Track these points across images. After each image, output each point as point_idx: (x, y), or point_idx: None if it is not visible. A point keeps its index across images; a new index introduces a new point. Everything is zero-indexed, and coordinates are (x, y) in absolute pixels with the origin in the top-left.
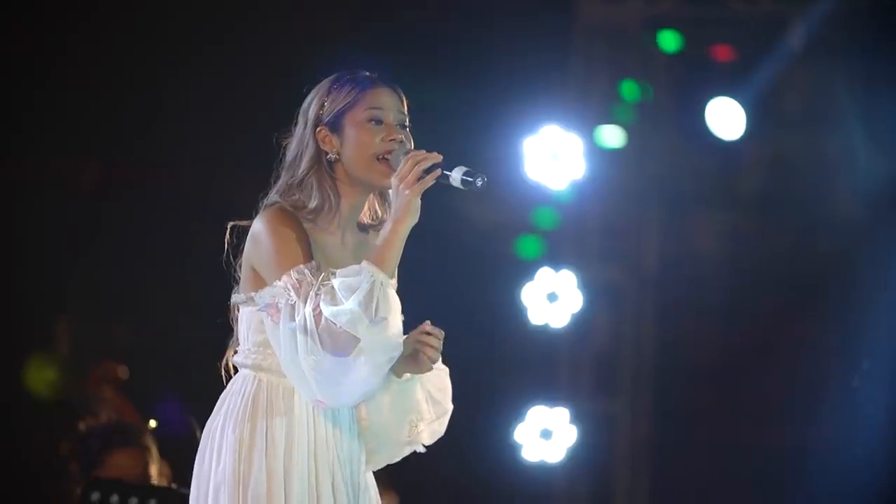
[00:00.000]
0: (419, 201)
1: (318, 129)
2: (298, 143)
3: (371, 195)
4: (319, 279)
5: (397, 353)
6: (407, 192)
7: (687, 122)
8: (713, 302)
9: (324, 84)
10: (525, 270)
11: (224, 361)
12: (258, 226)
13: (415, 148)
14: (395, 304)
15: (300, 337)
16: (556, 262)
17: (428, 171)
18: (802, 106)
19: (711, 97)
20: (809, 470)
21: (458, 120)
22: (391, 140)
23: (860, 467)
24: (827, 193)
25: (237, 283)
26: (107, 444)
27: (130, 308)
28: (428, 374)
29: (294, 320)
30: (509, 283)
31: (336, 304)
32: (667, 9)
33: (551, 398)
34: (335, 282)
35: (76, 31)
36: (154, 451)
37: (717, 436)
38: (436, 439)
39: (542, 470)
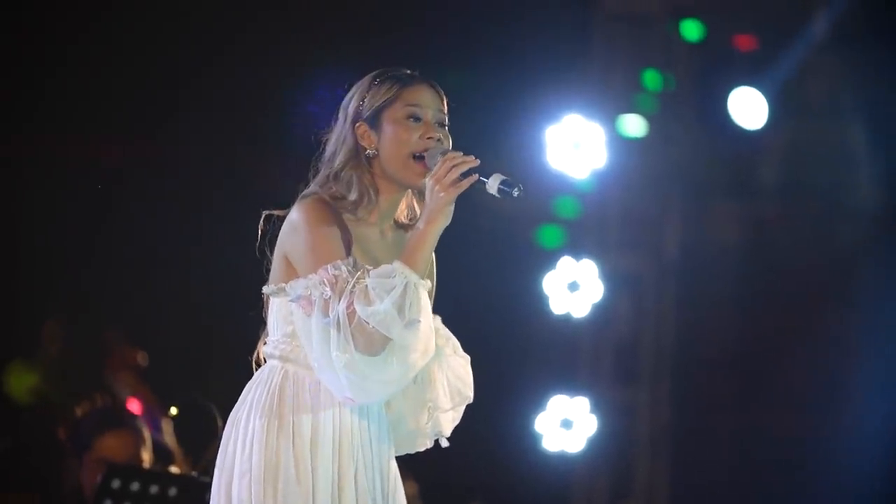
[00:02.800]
0: (453, 204)
1: (357, 124)
2: (337, 139)
3: (409, 194)
4: (355, 277)
5: (429, 354)
6: (442, 194)
7: (709, 111)
8: (734, 292)
9: (364, 80)
10: (546, 260)
11: (256, 353)
12: (296, 216)
13: (452, 147)
14: (427, 305)
15: (333, 333)
16: (577, 251)
17: (465, 174)
18: (825, 96)
19: (734, 87)
20: (829, 458)
21: (481, 108)
22: (429, 138)
23: (880, 456)
24: (848, 183)
25: (268, 273)
26: (98, 426)
27: (138, 304)
28: (448, 360)
29: (328, 316)
30: (530, 272)
31: (370, 305)
32: None
33: (572, 388)
34: (369, 281)
35: (96, 15)
36: (147, 436)
37: (736, 425)
38: (453, 427)
39: (563, 460)
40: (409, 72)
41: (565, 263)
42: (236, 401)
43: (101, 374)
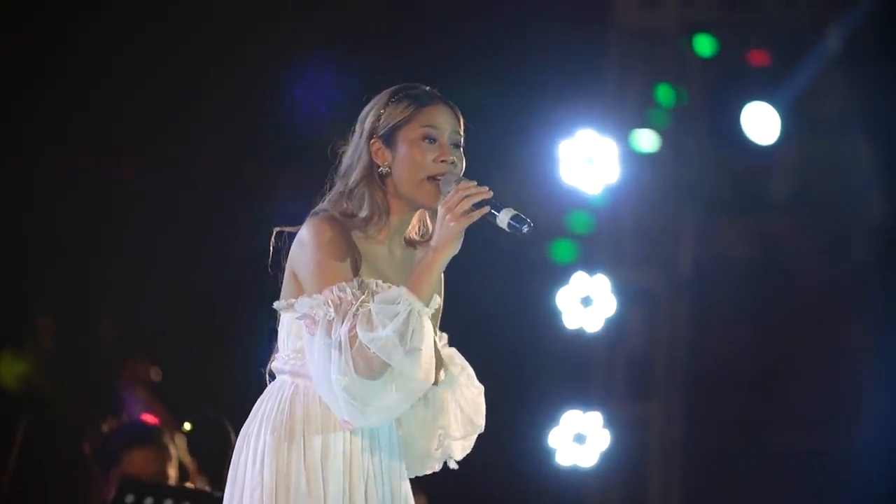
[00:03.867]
0: (462, 234)
1: (372, 140)
2: (353, 153)
3: (422, 210)
4: (360, 300)
5: (428, 382)
6: (452, 223)
7: (722, 126)
8: (747, 306)
9: (383, 95)
10: (559, 274)
11: (269, 366)
12: (305, 233)
13: (466, 168)
14: (429, 334)
15: (334, 354)
16: (590, 266)
17: (477, 205)
18: (837, 111)
19: (746, 102)
20: (842, 472)
21: (494, 123)
22: (443, 161)
23: (893, 471)
24: (861, 198)
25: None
26: (124, 443)
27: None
28: (462, 390)
29: (330, 337)
30: (544, 287)
31: (372, 330)
32: (703, 13)
33: (585, 402)
34: (373, 307)
35: (101, 26)
36: (174, 452)
37: (749, 440)
38: (464, 455)
39: (576, 474)
40: (427, 89)
41: (578, 278)
42: (248, 415)
43: (111, 386)
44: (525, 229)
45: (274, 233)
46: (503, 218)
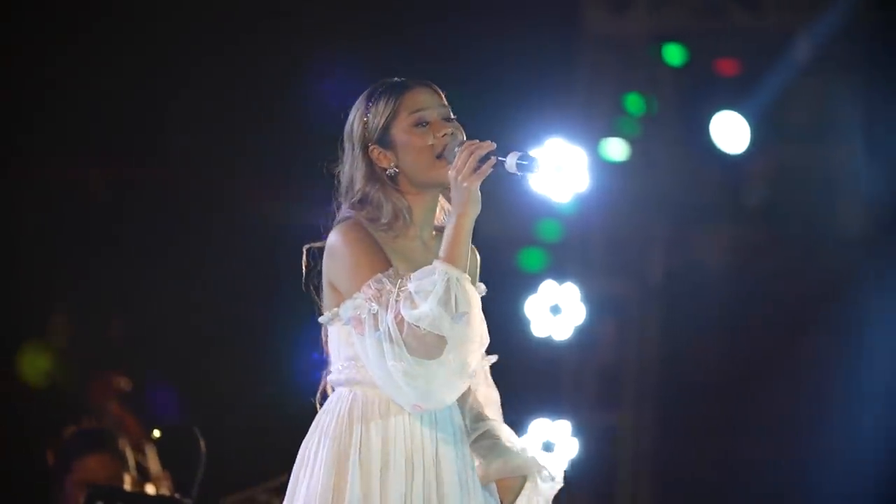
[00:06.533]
0: (479, 191)
1: (369, 148)
2: (351, 167)
3: (441, 197)
4: (398, 286)
5: (484, 343)
6: (465, 184)
7: (691, 135)
8: (717, 315)
9: (359, 103)
10: (528, 283)
11: (319, 392)
12: (333, 240)
13: (467, 137)
14: (474, 297)
15: (386, 345)
16: (559, 274)
17: (483, 159)
18: (807, 120)
19: (716, 111)
20: (812, 484)
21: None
22: (443, 135)
23: (863, 481)
24: (831, 207)
25: (319, 307)
26: (80, 448)
27: (131, 309)
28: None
29: (378, 329)
30: (512, 295)
31: (415, 308)
32: (672, 22)
33: (553, 411)
34: (411, 286)
35: (85, 33)
36: (130, 456)
37: (720, 449)
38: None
39: None
40: (397, 79)
41: (547, 286)
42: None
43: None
44: (535, 165)
45: (305, 251)
46: (511, 163)
